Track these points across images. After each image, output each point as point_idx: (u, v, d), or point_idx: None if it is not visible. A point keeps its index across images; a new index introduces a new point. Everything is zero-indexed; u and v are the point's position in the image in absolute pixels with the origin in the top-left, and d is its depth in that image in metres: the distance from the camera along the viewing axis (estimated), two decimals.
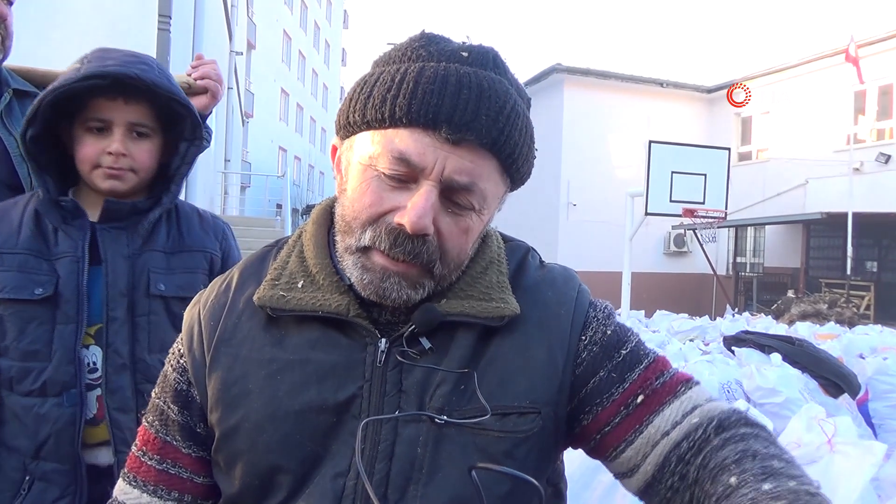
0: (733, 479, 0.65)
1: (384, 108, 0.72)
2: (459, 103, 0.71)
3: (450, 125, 0.70)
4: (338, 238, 0.80)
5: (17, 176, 1.40)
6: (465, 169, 0.73)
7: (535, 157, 0.82)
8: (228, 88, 11.72)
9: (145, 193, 1.35)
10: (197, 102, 1.53)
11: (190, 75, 1.56)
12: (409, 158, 0.72)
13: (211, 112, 1.62)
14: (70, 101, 1.22)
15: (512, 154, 0.76)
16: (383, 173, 0.73)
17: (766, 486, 0.61)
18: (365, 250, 0.75)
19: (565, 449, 0.89)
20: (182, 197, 1.43)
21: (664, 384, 0.81)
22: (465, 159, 0.72)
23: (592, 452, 0.85)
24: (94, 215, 1.29)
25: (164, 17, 5.13)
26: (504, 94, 0.74)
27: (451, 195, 0.74)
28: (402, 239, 0.72)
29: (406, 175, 0.73)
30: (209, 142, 1.54)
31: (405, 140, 0.72)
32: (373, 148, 0.74)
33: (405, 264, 0.74)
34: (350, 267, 0.77)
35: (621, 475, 0.82)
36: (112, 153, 1.24)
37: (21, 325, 1.22)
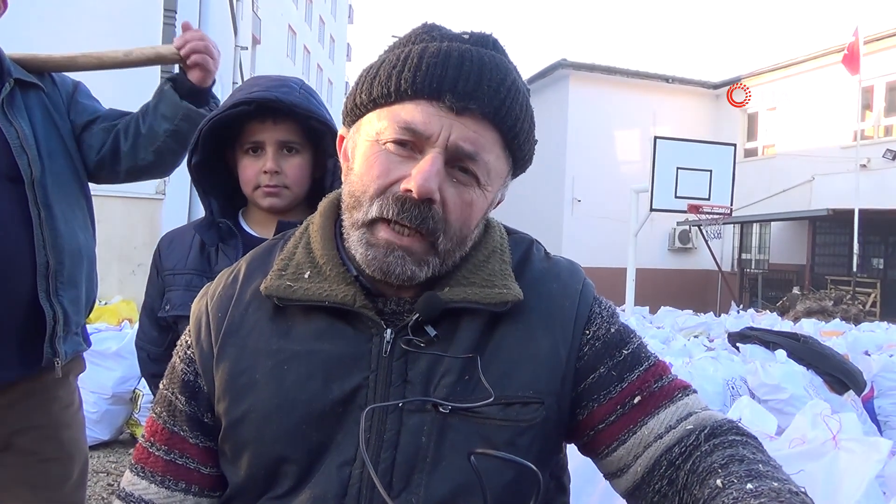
0: (719, 482, 0.65)
1: (390, 84, 0.75)
2: (462, 74, 0.73)
3: (453, 94, 0.73)
4: (345, 217, 0.81)
5: (17, 168, 1.41)
6: (470, 138, 0.75)
7: (536, 142, 0.84)
8: (233, 83, 11.72)
9: (305, 210, 1.41)
10: (192, 76, 1.53)
11: (179, 49, 1.52)
12: (416, 128, 0.74)
13: (213, 83, 1.59)
14: (229, 129, 1.35)
15: (513, 128, 0.77)
16: (390, 145, 0.75)
17: (749, 486, 0.62)
18: (371, 224, 0.76)
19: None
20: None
21: (662, 388, 0.82)
22: (469, 129, 0.74)
23: (584, 449, 0.86)
24: (262, 232, 1.39)
25: (170, 11, 5.14)
26: (505, 69, 0.77)
27: (456, 165, 0.76)
28: (409, 205, 0.74)
29: (412, 145, 0.75)
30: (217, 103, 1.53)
31: (411, 111, 0.74)
32: (379, 124, 0.76)
33: (409, 238, 0.75)
34: (355, 243, 0.78)
35: (611, 475, 0.83)
36: (267, 171, 1.34)
37: None
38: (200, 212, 1.51)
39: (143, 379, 3.95)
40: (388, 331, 0.78)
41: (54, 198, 1.47)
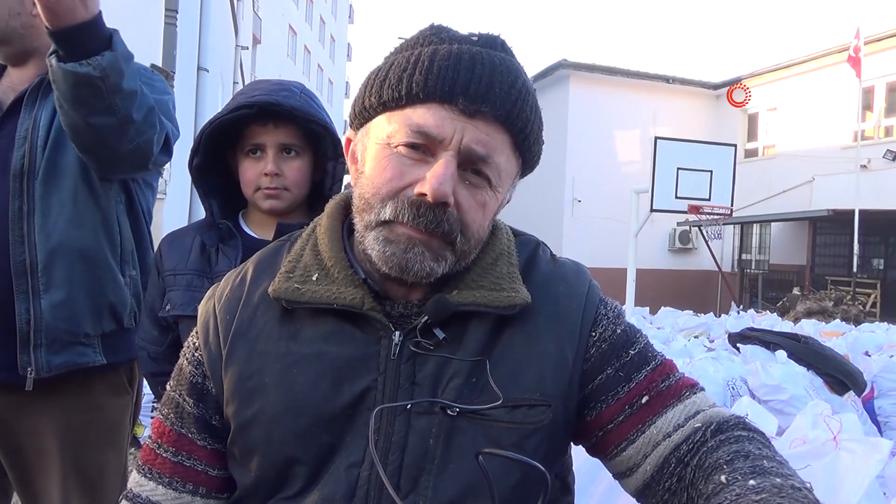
0: (723, 478, 0.66)
1: (401, 87, 0.74)
2: (474, 77, 0.73)
3: (465, 97, 0.73)
4: (356, 219, 0.81)
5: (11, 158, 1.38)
6: (482, 140, 0.75)
7: (544, 143, 0.84)
8: (234, 83, 11.72)
9: (304, 212, 1.43)
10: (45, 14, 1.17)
11: None
12: (429, 131, 0.73)
13: (77, 25, 1.18)
14: (230, 133, 1.36)
15: (524, 129, 0.78)
16: (402, 148, 0.75)
17: (751, 482, 0.63)
18: (386, 224, 0.76)
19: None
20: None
21: (670, 387, 0.82)
22: (482, 131, 0.75)
23: (592, 450, 0.86)
24: (262, 234, 1.40)
25: (171, 11, 5.12)
26: (515, 70, 0.77)
27: (468, 168, 0.76)
28: (425, 209, 0.74)
29: (425, 149, 0.75)
30: (111, 52, 1.24)
31: (423, 115, 0.74)
32: (390, 127, 0.76)
33: (429, 234, 0.75)
34: (371, 243, 0.77)
35: (620, 475, 0.83)
36: (267, 174, 1.35)
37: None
38: (201, 212, 1.50)
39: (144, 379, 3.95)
40: (397, 333, 0.79)
41: (46, 190, 1.40)
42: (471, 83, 0.73)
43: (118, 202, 1.54)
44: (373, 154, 0.78)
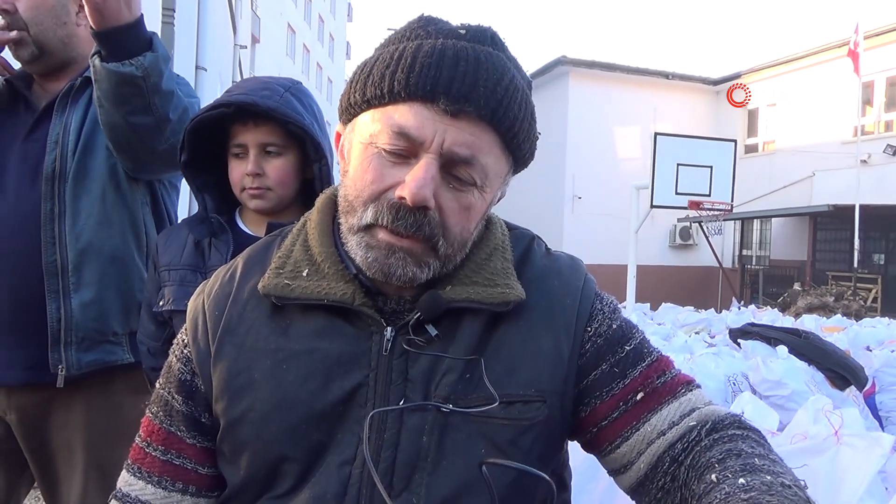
0: (714, 476, 0.66)
1: (383, 84, 0.73)
2: (457, 75, 0.71)
3: (447, 96, 0.70)
4: (342, 220, 0.80)
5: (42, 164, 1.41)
6: (465, 141, 0.73)
7: (538, 138, 0.82)
8: (233, 82, 11.70)
9: (299, 210, 1.41)
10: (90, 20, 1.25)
11: None
12: (409, 132, 0.72)
13: (117, 25, 1.25)
14: (220, 131, 1.34)
15: (512, 128, 0.75)
16: (384, 149, 0.73)
17: (741, 481, 0.62)
18: (368, 228, 0.75)
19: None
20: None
21: (665, 384, 0.81)
22: (465, 132, 0.72)
23: (587, 446, 0.85)
24: (256, 231, 1.39)
25: (169, 10, 5.11)
26: (502, 67, 0.74)
27: (452, 169, 0.74)
28: (404, 212, 0.72)
29: (406, 150, 0.73)
30: (153, 53, 1.31)
31: (404, 114, 0.72)
32: (373, 126, 0.75)
33: (409, 239, 0.74)
34: (354, 247, 0.77)
35: (614, 471, 0.83)
36: (248, 174, 1.33)
37: None
38: None
39: None
40: (389, 329, 0.78)
41: (76, 193, 1.44)
42: (453, 82, 0.70)
43: (144, 203, 1.57)
44: (357, 153, 0.77)
